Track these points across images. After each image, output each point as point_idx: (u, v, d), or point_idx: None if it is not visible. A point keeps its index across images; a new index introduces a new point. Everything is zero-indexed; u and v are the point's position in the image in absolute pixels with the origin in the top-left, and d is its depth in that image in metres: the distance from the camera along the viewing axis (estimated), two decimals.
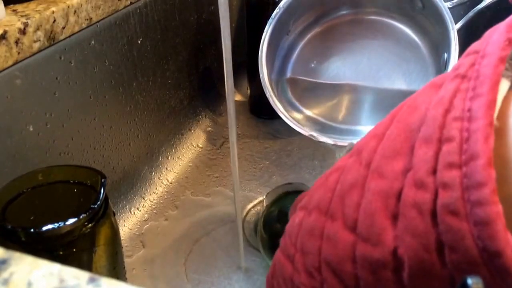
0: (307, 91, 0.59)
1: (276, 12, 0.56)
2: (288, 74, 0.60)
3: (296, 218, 0.29)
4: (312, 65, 0.60)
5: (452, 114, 0.19)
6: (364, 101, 0.57)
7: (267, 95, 0.54)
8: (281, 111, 0.53)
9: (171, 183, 0.70)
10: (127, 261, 0.57)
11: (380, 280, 0.22)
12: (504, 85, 0.21)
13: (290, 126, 0.53)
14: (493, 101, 0.18)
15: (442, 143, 0.19)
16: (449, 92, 0.20)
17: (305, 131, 0.52)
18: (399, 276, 0.21)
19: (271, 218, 0.55)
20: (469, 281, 0.17)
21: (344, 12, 0.60)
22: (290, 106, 0.57)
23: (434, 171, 0.19)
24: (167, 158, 0.72)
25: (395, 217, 0.21)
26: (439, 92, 0.21)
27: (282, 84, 0.60)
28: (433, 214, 0.19)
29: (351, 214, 0.23)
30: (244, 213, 0.65)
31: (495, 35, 0.21)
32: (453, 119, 0.19)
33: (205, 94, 0.82)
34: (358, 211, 0.23)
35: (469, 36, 0.48)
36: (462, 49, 0.24)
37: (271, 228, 0.54)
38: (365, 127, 0.55)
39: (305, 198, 0.29)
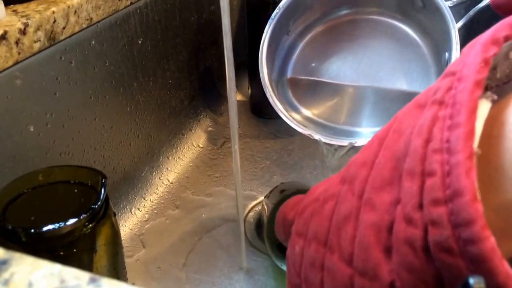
0: (308, 91, 0.59)
1: (276, 12, 0.56)
2: (289, 74, 0.60)
3: (296, 246, 0.29)
4: (313, 65, 0.60)
5: (432, 145, 0.19)
6: (365, 101, 0.57)
7: (268, 95, 0.54)
8: (281, 111, 0.53)
9: (171, 183, 0.70)
10: (127, 261, 0.57)
11: None
12: (484, 107, 0.20)
13: (291, 126, 0.53)
14: (471, 131, 0.18)
15: (425, 177, 0.19)
16: (428, 120, 0.20)
17: (305, 131, 0.51)
18: None
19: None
20: (471, 280, 0.17)
21: (344, 12, 0.60)
22: (290, 106, 0.57)
23: (420, 206, 0.19)
24: (168, 158, 0.72)
25: (388, 250, 0.21)
26: (421, 117, 0.21)
27: (283, 84, 0.59)
28: (426, 250, 0.19)
29: (346, 247, 0.23)
30: (245, 213, 0.65)
31: (471, 55, 0.20)
32: (433, 151, 0.19)
33: (205, 94, 0.82)
34: (353, 244, 0.23)
35: (470, 35, 0.48)
36: (463, 48, 0.24)
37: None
38: (365, 129, 0.55)
39: (300, 224, 0.29)
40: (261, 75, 0.55)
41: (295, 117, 0.55)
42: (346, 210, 0.24)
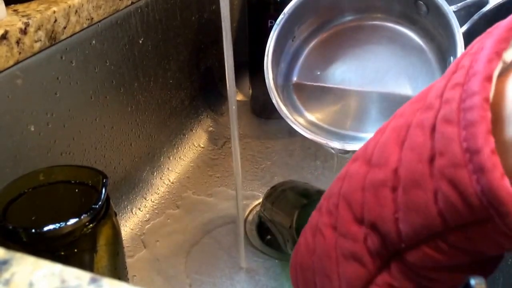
0: (313, 96, 0.59)
1: (281, 18, 0.56)
2: (294, 79, 0.60)
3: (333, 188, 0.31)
4: (318, 70, 0.60)
5: (450, 83, 0.22)
6: (370, 106, 0.56)
7: (273, 100, 0.54)
8: (287, 116, 0.53)
9: (172, 183, 0.70)
10: (128, 261, 0.56)
11: (379, 199, 0.25)
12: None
13: (292, 126, 0.53)
14: (492, 62, 0.21)
15: (454, 74, 0.22)
16: (449, 72, 0.23)
17: (311, 135, 0.51)
18: (395, 195, 0.24)
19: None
20: (472, 281, 0.17)
21: (349, 18, 0.60)
22: (295, 110, 0.57)
23: (442, 94, 0.22)
24: (169, 158, 0.72)
25: (402, 143, 0.24)
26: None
27: (288, 89, 0.59)
28: (433, 128, 0.22)
29: (370, 150, 0.26)
30: (246, 213, 0.65)
31: (485, 47, 0.22)
32: (463, 61, 0.22)
33: (206, 94, 0.82)
34: (375, 148, 0.26)
35: (474, 39, 0.48)
36: None
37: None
38: (370, 134, 0.55)
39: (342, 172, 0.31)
40: (266, 80, 0.55)
41: (300, 121, 0.55)
42: (378, 130, 0.27)
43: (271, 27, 0.57)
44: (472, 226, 0.21)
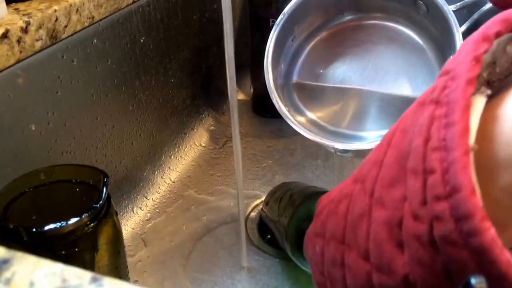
0: (313, 95, 0.59)
1: (281, 18, 0.56)
2: (294, 78, 0.60)
3: (316, 246, 0.29)
4: (318, 70, 0.60)
5: (430, 144, 0.20)
6: (370, 106, 0.57)
7: (274, 101, 0.54)
8: (287, 116, 0.53)
9: (174, 182, 0.70)
10: (129, 260, 0.56)
11: None
12: (479, 103, 0.21)
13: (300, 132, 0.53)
14: (466, 128, 0.19)
15: (426, 174, 0.20)
16: (426, 119, 0.21)
17: (311, 135, 0.51)
18: None
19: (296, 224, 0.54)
20: (473, 280, 0.17)
21: (348, 17, 0.60)
22: (296, 110, 0.58)
23: (425, 202, 0.20)
24: (170, 157, 0.72)
25: (400, 245, 0.22)
26: (421, 116, 0.22)
27: (288, 88, 0.60)
28: (433, 243, 0.20)
29: (363, 244, 0.24)
30: (247, 212, 0.65)
31: (463, 53, 0.21)
32: (432, 150, 0.20)
33: (208, 93, 0.82)
34: (368, 241, 0.23)
35: None
36: None
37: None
38: (369, 133, 0.55)
39: (318, 225, 0.30)
40: (266, 80, 0.55)
41: (300, 121, 0.55)
42: (359, 209, 0.24)
43: (273, 26, 0.57)
44: None
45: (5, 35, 0.42)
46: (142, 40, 0.62)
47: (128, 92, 0.61)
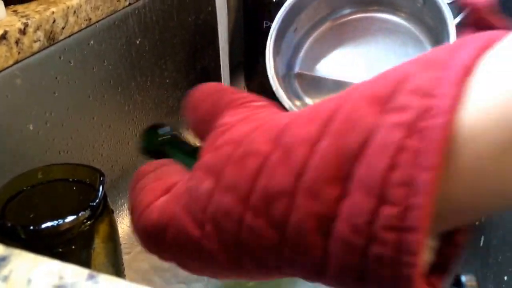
0: (315, 86, 0.60)
1: (282, 11, 0.57)
2: (296, 69, 0.61)
3: (202, 184, 0.25)
4: (319, 62, 0.61)
5: (396, 177, 0.19)
6: None
7: (274, 88, 0.54)
8: (286, 102, 0.54)
9: None
10: (125, 258, 0.56)
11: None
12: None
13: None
14: (433, 181, 0.18)
15: (383, 203, 0.19)
16: (393, 142, 0.19)
17: None
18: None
19: None
20: (463, 278, 0.18)
21: (348, 10, 0.61)
22: (297, 99, 0.58)
23: (370, 223, 0.19)
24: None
25: (327, 238, 0.21)
26: (380, 122, 0.20)
27: (290, 79, 0.60)
28: (363, 254, 0.20)
29: (276, 219, 0.22)
30: None
31: (446, 83, 0.19)
32: (397, 184, 0.19)
33: None
34: (287, 223, 0.22)
35: (465, 30, 0.49)
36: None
37: None
38: None
39: (214, 161, 0.25)
40: (268, 68, 0.55)
41: (299, 105, 0.56)
42: (279, 185, 0.22)
43: (267, 28, 0.57)
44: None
45: (4, 36, 0.42)
46: (138, 42, 0.62)
47: (124, 92, 0.61)
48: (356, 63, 0.59)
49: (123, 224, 0.62)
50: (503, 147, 0.18)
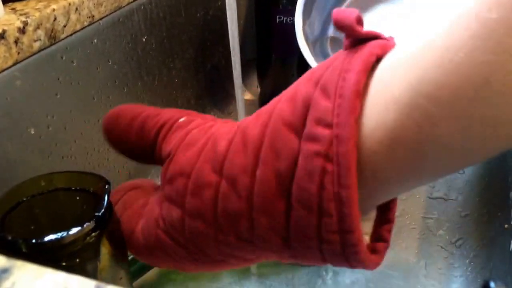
0: None
1: None
2: (330, 33, 0.59)
3: (172, 212, 0.31)
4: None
5: (326, 195, 0.24)
6: None
7: (304, 54, 0.53)
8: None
9: None
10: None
11: None
12: None
13: None
14: (355, 190, 0.24)
15: (323, 214, 0.25)
16: (316, 168, 0.24)
17: None
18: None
19: None
20: (492, 284, 0.19)
21: None
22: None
23: (318, 227, 0.25)
24: None
25: (286, 241, 0.27)
26: (300, 148, 0.25)
27: (322, 44, 0.59)
28: (320, 249, 0.27)
29: (247, 237, 0.28)
30: None
31: (344, 107, 0.24)
32: (328, 200, 0.24)
33: (213, 93, 0.82)
34: (253, 236, 0.28)
35: None
36: None
37: None
38: None
39: (174, 195, 0.31)
40: (297, 32, 0.54)
41: None
42: (236, 209, 0.27)
43: (280, 23, 0.55)
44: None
45: (2, 36, 0.41)
46: (144, 39, 0.61)
47: (130, 93, 0.60)
48: (395, 25, 0.58)
49: None
50: (391, 148, 0.23)
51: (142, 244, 0.33)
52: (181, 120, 0.32)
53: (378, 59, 0.25)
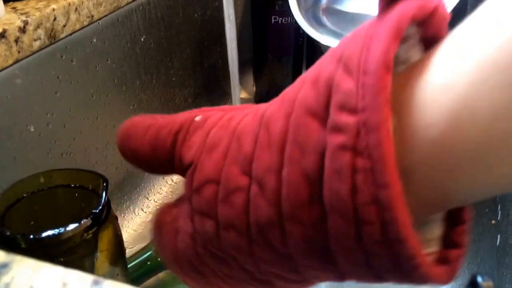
0: (344, 20, 0.59)
1: None
2: (323, 2, 0.59)
3: (205, 225, 0.27)
4: None
5: (362, 198, 0.19)
6: None
7: (298, 20, 0.52)
8: (314, 35, 0.52)
9: (175, 182, 0.69)
10: None
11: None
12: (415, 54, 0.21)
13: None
14: (398, 186, 0.18)
15: (361, 223, 0.20)
16: (344, 166, 0.19)
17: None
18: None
19: None
20: (479, 279, 0.19)
21: None
22: (324, 33, 0.56)
23: (359, 237, 0.20)
24: None
25: (323, 255, 0.22)
26: (325, 141, 0.20)
27: (315, 13, 0.59)
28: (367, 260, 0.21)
29: (281, 249, 0.24)
30: None
31: (370, 90, 0.19)
32: (365, 204, 0.19)
33: (210, 92, 0.81)
34: (287, 247, 0.23)
35: (461, 19, 0.49)
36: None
37: None
38: None
39: (205, 206, 0.27)
40: (290, 1, 0.53)
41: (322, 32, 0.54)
42: (266, 217, 0.23)
43: (275, 23, 0.56)
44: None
45: (3, 35, 0.41)
46: (142, 39, 0.61)
47: (128, 92, 0.60)
48: None
49: (129, 228, 0.61)
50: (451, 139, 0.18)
51: (186, 266, 0.29)
52: (196, 118, 0.28)
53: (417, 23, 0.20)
